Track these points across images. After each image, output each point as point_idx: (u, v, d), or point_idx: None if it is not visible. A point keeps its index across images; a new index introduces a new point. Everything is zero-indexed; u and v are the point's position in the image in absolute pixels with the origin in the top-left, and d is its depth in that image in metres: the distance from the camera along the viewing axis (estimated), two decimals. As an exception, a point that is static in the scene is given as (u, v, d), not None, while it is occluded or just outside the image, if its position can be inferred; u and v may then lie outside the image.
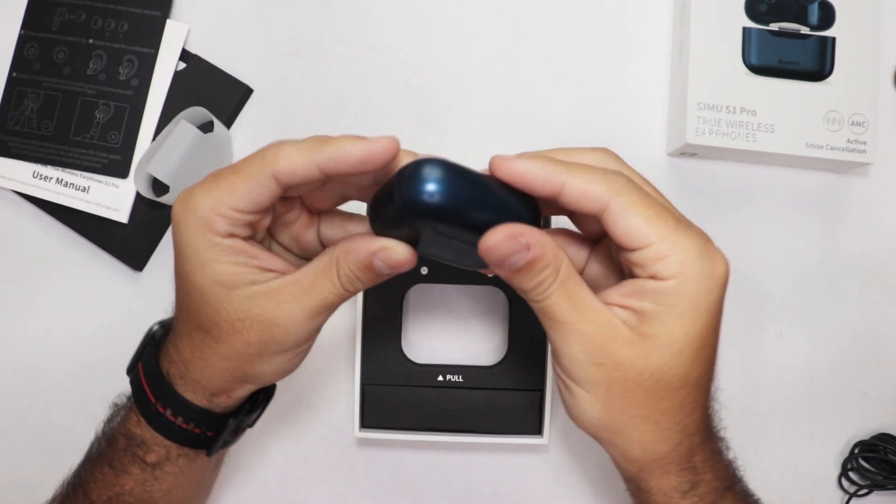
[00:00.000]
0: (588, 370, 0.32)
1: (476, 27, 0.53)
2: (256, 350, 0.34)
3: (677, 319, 0.31)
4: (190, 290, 0.34)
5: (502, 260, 0.30)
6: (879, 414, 0.52)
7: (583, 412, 0.33)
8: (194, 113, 0.48)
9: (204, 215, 0.32)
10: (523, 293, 0.32)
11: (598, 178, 0.31)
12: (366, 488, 0.51)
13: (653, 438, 0.33)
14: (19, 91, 0.51)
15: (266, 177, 0.31)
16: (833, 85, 0.48)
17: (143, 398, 0.37)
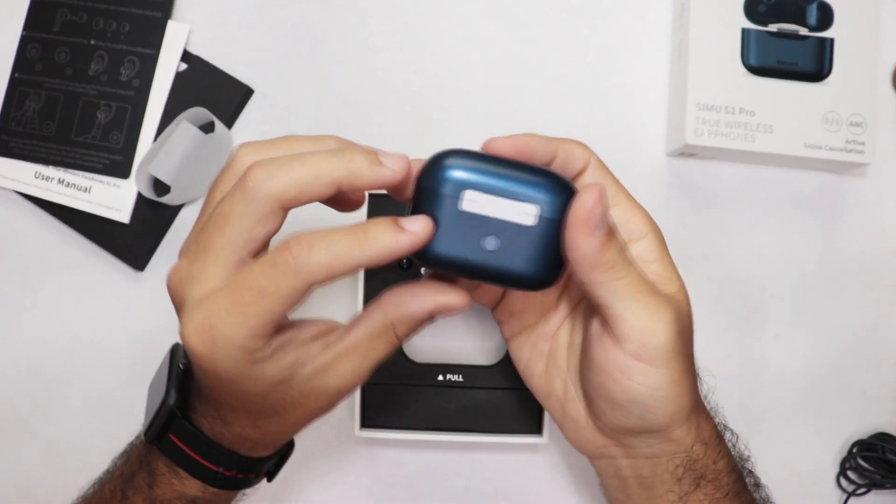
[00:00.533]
0: (678, 342, 0.32)
1: (476, 27, 0.53)
2: (321, 413, 0.33)
3: (672, 267, 0.35)
4: (243, 396, 0.32)
5: (595, 221, 0.29)
6: (878, 413, 0.52)
7: (665, 400, 0.33)
8: (195, 113, 0.49)
9: (242, 345, 0.29)
10: (612, 272, 0.31)
11: (578, 144, 0.35)
12: (366, 488, 0.51)
13: (697, 395, 0.35)
14: (21, 92, 0.51)
15: (302, 287, 0.28)
16: (832, 85, 0.49)
17: (189, 462, 0.35)
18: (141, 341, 0.52)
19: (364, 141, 0.52)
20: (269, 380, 0.31)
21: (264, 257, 0.29)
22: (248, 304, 0.28)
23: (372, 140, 0.52)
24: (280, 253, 0.28)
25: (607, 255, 0.30)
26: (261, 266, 0.28)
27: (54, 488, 0.52)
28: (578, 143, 0.35)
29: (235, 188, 0.29)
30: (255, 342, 0.29)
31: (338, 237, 0.28)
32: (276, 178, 0.28)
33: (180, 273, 0.30)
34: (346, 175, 0.29)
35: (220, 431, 0.34)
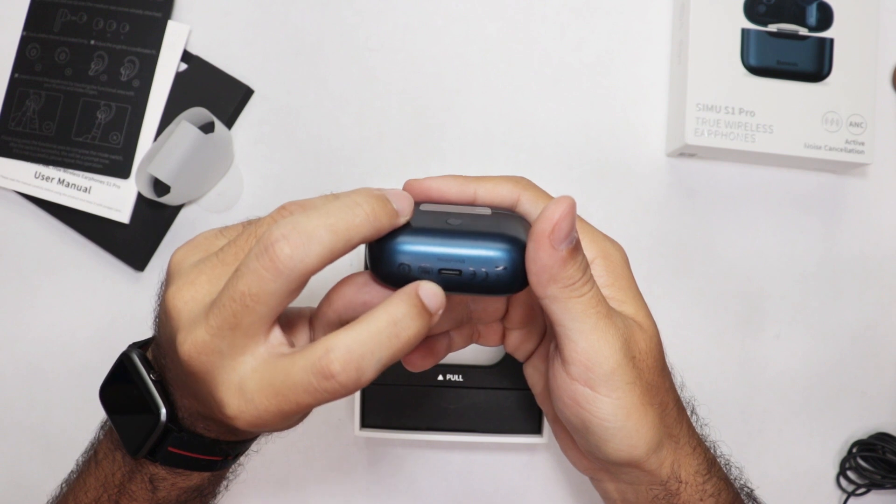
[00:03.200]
0: (627, 368, 0.31)
1: (476, 28, 0.53)
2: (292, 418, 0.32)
3: (632, 291, 0.33)
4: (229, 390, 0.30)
5: (569, 233, 0.28)
6: (877, 413, 0.52)
7: (620, 428, 0.31)
8: (195, 113, 0.49)
9: (274, 412, 0.29)
10: (570, 289, 0.30)
11: (504, 180, 0.33)
12: (366, 487, 0.51)
13: (670, 424, 0.33)
14: (21, 92, 0.51)
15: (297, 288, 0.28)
16: (831, 86, 0.49)
17: (192, 462, 0.35)
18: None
19: (364, 141, 0.52)
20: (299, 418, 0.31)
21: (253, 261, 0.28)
22: (284, 388, 0.28)
23: (371, 139, 0.52)
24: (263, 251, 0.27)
25: (567, 272, 0.29)
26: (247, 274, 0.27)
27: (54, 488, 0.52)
28: (506, 180, 0.33)
29: (263, 264, 0.27)
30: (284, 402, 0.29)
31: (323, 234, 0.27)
32: (307, 254, 0.27)
33: (205, 347, 0.28)
34: (372, 233, 0.29)
35: (215, 428, 0.34)
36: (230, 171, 0.52)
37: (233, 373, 0.28)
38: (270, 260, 0.27)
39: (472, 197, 0.33)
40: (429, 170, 0.52)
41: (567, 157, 0.53)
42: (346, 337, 0.27)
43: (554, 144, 0.52)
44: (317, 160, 0.52)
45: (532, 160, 0.52)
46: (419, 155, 0.52)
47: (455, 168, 0.52)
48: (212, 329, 0.28)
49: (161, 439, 0.33)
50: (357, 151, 0.52)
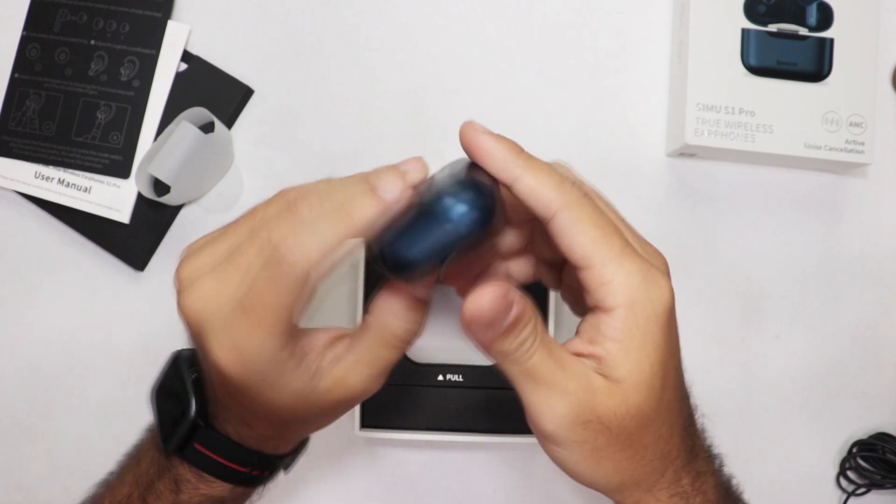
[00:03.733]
0: (574, 431, 0.30)
1: (476, 28, 0.53)
2: (339, 416, 0.35)
3: (640, 353, 0.30)
4: (269, 406, 0.32)
5: (490, 324, 0.28)
6: (878, 413, 0.52)
7: (572, 468, 0.33)
8: (195, 113, 0.49)
9: (268, 359, 0.29)
10: (501, 357, 0.30)
11: (553, 183, 0.30)
12: (366, 487, 0.51)
13: (641, 472, 0.32)
14: (21, 92, 0.51)
15: (302, 278, 0.28)
16: (831, 86, 0.49)
17: (213, 464, 0.35)
18: (141, 341, 0.52)
19: (364, 141, 0.52)
20: (293, 394, 0.31)
21: (262, 264, 0.29)
22: (261, 316, 0.28)
23: (371, 140, 0.52)
24: (272, 253, 0.28)
25: (497, 348, 0.29)
26: (260, 274, 0.28)
27: (55, 488, 0.52)
28: (552, 186, 0.30)
29: (270, 271, 0.28)
30: (277, 351, 0.29)
31: (321, 223, 0.28)
32: (310, 254, 0.28)
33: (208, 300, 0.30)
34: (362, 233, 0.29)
35: (246, 434, 0.35)
36: (230, 171, 0.52)
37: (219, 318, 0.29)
38: (278, 265, 0.28)
39: (509, 183, 0.30)
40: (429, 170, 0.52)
41: (567, 157, 0.52)
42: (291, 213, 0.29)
43: (554, 144, 0.52)
44: (317, 160, 0.52)
45: (532, 160, 0.52)
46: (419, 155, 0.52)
47: (455, 168, 0.52)
48: (246, 329, 0.29)
49: (189, 435, 0.34)
50: (357, 151, 0.52)
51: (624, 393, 0.30)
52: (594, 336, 0.30)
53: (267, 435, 0.35)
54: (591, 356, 0.31)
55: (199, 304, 0.30)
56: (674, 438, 0.33)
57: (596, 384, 0.30)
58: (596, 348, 0.30)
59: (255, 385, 0.30)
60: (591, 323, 0.31)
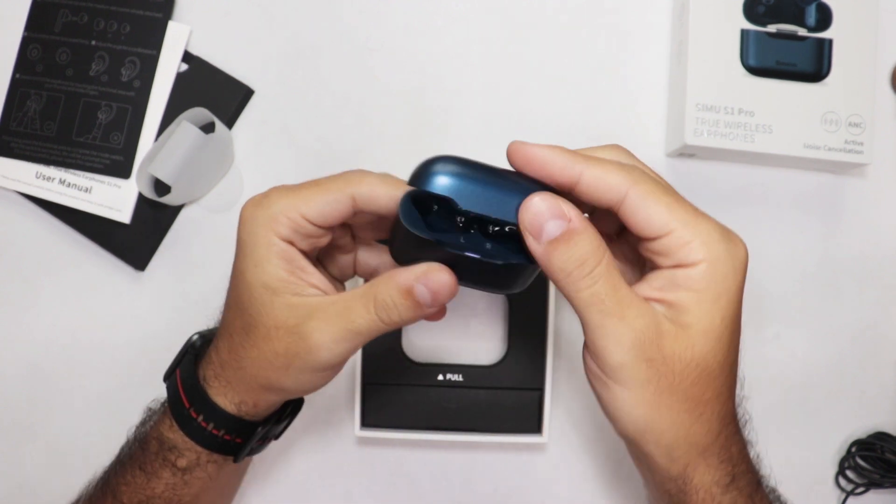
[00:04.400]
0: (637, 368, 0.31)
1: (476, 28, 0.53)
2: (282, 362, 0.34)
3: (713, 304, 0.31)
4: (241, 288, 0.34)
5: (541, 224, 0.30)
6: (876, 413, 0.52)
7: (628, 414, 0.32)
8: (196, 114, 0.49)
9: (273, 215, 0.33)
10: (565, 278, 0.31)
11: (616, 169, 0.31)
12: (366, 487, 0.51)
13: (697, 431, 0.32)
14: (22, 92, 0.51)
15: (346, 195, 0.33)
16: (831, 86, 0.49)
17: (178, 403, 0.38)
18: (142, 341, 0.52)
19: (364, 141, 0.52)
20: (267, 275, 0.33)
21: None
22: (302, 187, 0.33)
23: (371, 140, 0.52)
24: (342, 172, 0.34)
25: (555, 264, 0.30)
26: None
27: (55, 488, 0.52)
28: (617, 169, 0.31)
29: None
30: (288, 215, 0.33)
31: (384, 175, 0.34)
32: (364, 179, 0.34)
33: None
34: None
35: (212, 373, 0.37)
36: (230, 171, 0.52)
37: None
38: (342, 174, 0.35)
39: (574, 180, 0.31)
40: (429, 170, 0.52)
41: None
42: None
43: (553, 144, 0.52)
44: (317, 160, 0.52)
45: (532, 160, 0.52)
46: (419, 155, 0.52)
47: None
48: (275, 189, 0.35)
49: (179, 360, 0.39)
50: (357, 151, 0.52)
51: (691, 339, 0.31)
52: (666, 285, 0.32)
53: (243, 397, 0.36)
54: (661, 301, 0.32)
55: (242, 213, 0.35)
56: (730, 402, 0.34)
57: (664, 327, 0.31)
58: (667, 294, 0.31)
59: (249, 237, 0.34)
60: (665, 276, 0.32)
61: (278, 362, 0.34)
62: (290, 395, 0.38)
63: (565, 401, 0.51)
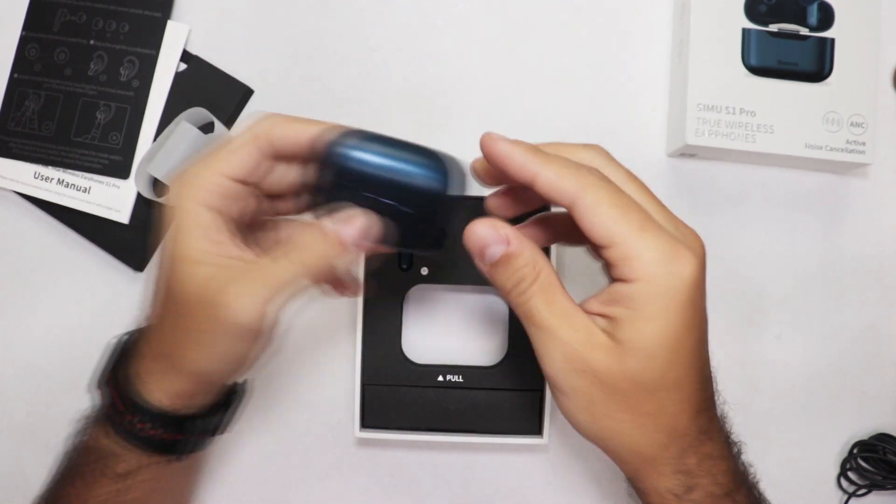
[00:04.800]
0: (570, 377, 0.33)
1: (476, 27, 0.53)
2: (209, 338, 0.33)
3: (646, 323, 0.31)
4: (165, 266, 0.34)
5: (482, 248, 0.33)
6: (878, 414, 0.52)
7: (573, 418, 0.34)
8: (195, 114, 0.49)
9: (199, 184, 0.34)
10: (506, 295, 0.33)
11: (569, 173, 0.32)
12: (366, 488, 0.51)
13: (640, 441, 0.33)
14: (20, 92, 0.51)
15: (264, 141, 0.34)
16: (832, 86, 0.48)
17: (112, 407, 0.37)
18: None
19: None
20: (187, 248, 0.33)
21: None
22: (215, 153, 0.34)
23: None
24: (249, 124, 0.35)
25: (498, 282, 0.34)
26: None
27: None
28: (571, 173, 0.32)
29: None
30: (213, 181, 0.34)
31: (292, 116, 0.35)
32: (276, 122, 0.35)
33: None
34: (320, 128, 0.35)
35: (145, 368, 0.36)
36: (230, 171, 0.52)
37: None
38: (249, 126, 0.36)
39: (530, 179, 0.32)
40: (429, 170, 0.52)
41: (567, 157, 0.52)
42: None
43: (554, 144, 0.52)
44: (317, 160, 0.52)
45: (532, 160, 0.52)
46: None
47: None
48: (194, 163, 0.35)
49: (108, 364, 0.38)
50: (357, 151, 0.52)
51: (621, 354, 0.32)
52: (609, 299, 0.32)
53: (168, 386, 0.36)
54: (602, 315, 0.33)
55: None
56: (682, 416, 0.33)
57: (597, 339, 0.32)
58: (608, 309, 0.32)
59: (179, 217, 0.33)
60: (612, 288, 0.33)
61: (205, 338, 0.33)
62: (224, 377, 0.37)
63: (566, 402, 0.51)
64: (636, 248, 0.31)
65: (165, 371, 0.35)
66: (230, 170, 0.34)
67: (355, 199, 0.34)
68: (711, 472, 0.34)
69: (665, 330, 0.31)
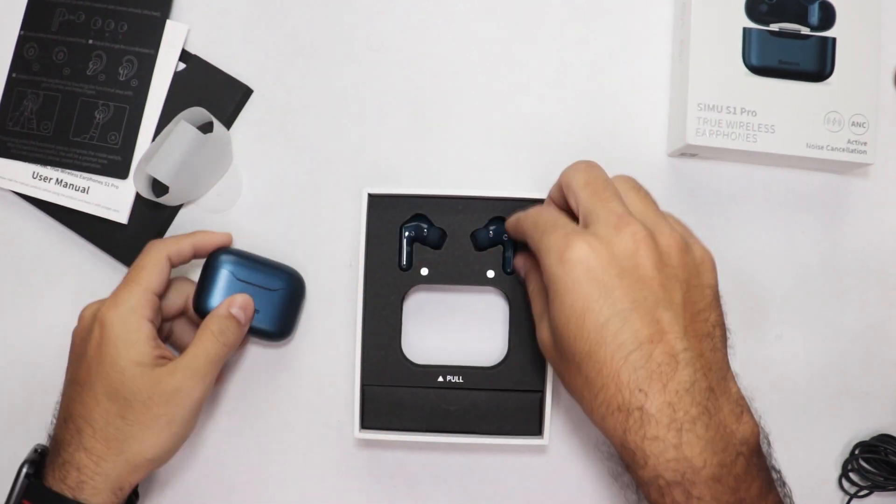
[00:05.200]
0: (543, 347, 0.42)
1: (476, 27, 0.52)
2: (165, 421, 0.42)
3: (553, 303, 0.37)
4: (111, 377, 0.41)
5: (519, 267, 0.48)
6: (880, 415, 0.52)
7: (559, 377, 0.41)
8: (194, 113, 0.48)
9: (132, 305, 0.43)
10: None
11: (519, 225, 0.44)
12: (366, 489, 0.51)
13: (591, 406, 0.37)
14: (19, 92, 0.51)
15: (163, 260, 0.45)
16: (833, 85, 0.48)
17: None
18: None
19: (364, 141, 0.52)
20: (138, 354, 0.42)
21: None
22: (130, 281, 0.44)
23: (371, 140, 0.52)
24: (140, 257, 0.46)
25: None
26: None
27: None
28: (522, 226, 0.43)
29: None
30: (144, 298, 0.43)
31: (175, 236, 0.48)
32: (164, 245, 0.46)
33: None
34: (199, 238, 0.48)
35: (102, 492, 0.41)
36: (229, 171, 0.52)
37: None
38: (140, 257, 0.46)
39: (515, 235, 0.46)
40: (429, 170, 0.52)
41: (568, 157, 0.52)
42: None
43: (555, 144, 0.52)
44: (316, 160, 0.52)
45: (533, 160, 0.52)
46: (419, 155, 0.52)
47: (455, 168, 0.52)
48: (114, 294, 0.45)
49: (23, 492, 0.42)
50: (357, 151, 0.52)
51: (549, 331, 0.39)
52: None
53: (82, 468, 0.41)
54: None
55: (91, 308, 0.45)
56: (610, 386, 0.35)
57: (544, 321, 0.40)
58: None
59: (119, 329, 0.42)
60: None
61: (162, 423, 0.42)
62: (164, 462, 0.44)
63: (566, 402, 0.51)
64: (542, 248, 0.38)
65: (116, 470, 0.41)
66: (154, 285, 0.44)
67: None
68: (649, 451, 0.34)
69: (569, 309, 0.36)
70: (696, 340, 0.36)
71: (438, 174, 0.52)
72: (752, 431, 0.36)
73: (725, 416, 0.35)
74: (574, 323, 0.35)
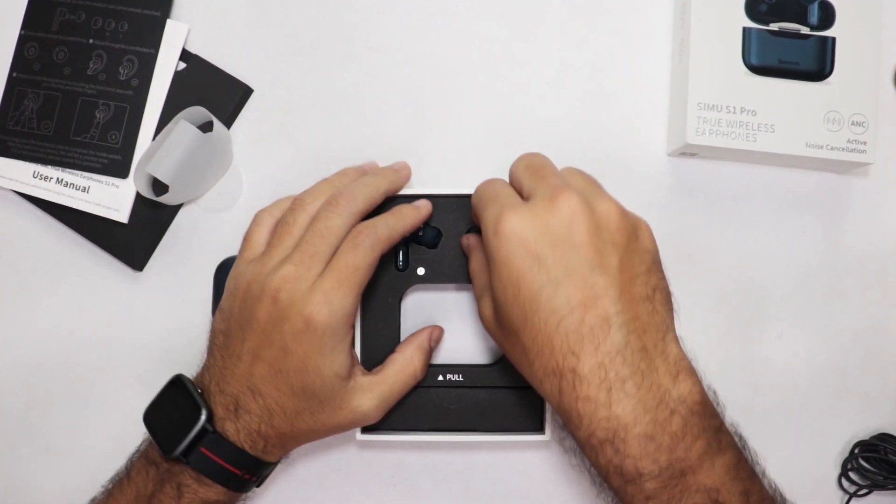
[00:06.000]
0: (486, 322, 0.42)
1: (476, 27, 0.53)
2: (339, 428, 0.43)
3: (492, 275, 0.38)
4: (311, 377, 0.41)
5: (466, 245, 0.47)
6: (880, 414, 0.52)
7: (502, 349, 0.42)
8: (194, 113, 0.48)
9: (346, 313, 0.40)
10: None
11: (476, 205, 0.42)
12: (366, 489, 0.51)
13: (532, 376, 0.38)
14: (19, 91, 0.51)
15: (376, 261, 0.42)
16: (833, 85, 0.48)
17: (221, 471, 0.41)
18: (140, 341, 0.51)
19: (364, 140, 0.52)
20: (339, 366, 0.41)
21: (345, 244, 0.41)
22: (349, 279, 0.40)
23: (371, 139, 0.52)
24: (357, 237, 0.41)
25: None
26: (347, 249, 0.41)
27: (54, 488, 0.51)
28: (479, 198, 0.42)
29: (349, 243, 0.42)
30: (351, 311, 0.41)
31: (386, 217, 0.43)
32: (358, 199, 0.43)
33: (288, 278, 0.41)
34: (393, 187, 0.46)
35: (272, 454, 0.43)
36: (229, 170, 0.52)
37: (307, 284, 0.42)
38: (350, 263, 0.43)
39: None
40: (429, 170, 0.52)
41: (568, 156, 0.52)
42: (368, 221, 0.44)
43: (555, 144, 0.52)
44: (317, 160, 0.52)
45: (532, 160, 0.52)
46: (419, 155, 0.52)
47: (454, 168, 0.52)
48: (333, 288, 0.41)
49: (196, 441, 0.40)
50: (357, 151, 0.52)
51: (486, 304, 0.41)
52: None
53: (269, 439, 0.42)
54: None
55: (280, 281, 0.40)
56: (545, 354, 0.36)
57: (487, 296, 0.41)
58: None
59: (329, 337, 0.40)
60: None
61: (337, 428, 0.43)
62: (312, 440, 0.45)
63: (566, 402, 0.51)
64: (482, 221, 0.39)
65: (290, 443, 0.43)
66: (356, 301, 0.41)
67: None
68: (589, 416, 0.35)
69: (503, 282, 0.37)
70: (633, 304, 0.36)
71: (438, 174, 0.52)
72: (690, 391, 0.36)
73: (661, 376, 0.35)
74: (511, 292, 0.36)
